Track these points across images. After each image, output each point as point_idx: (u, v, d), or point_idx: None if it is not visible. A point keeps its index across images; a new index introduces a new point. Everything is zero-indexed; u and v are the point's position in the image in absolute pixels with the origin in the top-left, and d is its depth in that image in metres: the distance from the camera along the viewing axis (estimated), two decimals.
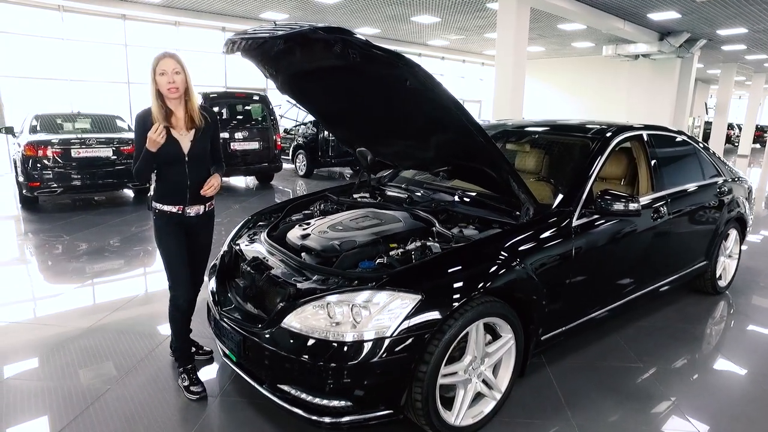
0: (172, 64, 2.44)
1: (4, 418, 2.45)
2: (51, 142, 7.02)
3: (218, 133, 2.74)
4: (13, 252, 5.55)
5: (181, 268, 2.61)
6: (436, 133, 2.56)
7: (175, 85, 2.43)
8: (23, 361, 2.98)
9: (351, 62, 2.03)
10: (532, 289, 2.38)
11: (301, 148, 11.11)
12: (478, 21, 14.09)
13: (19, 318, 3.61)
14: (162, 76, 2.42)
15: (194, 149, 2.55)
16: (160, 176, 2.57)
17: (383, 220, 2.76)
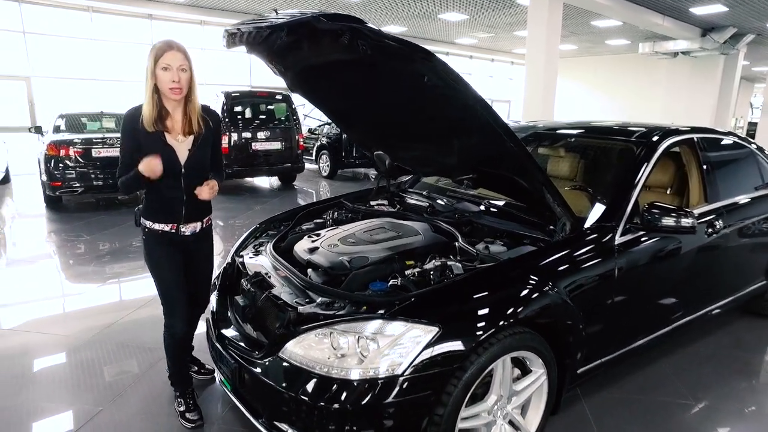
0: (179, 59, 2.08)
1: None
2: (73, 141, 6.99)
3: (220, 138, 2.42)
4: (31, 251, 5.49)
5: (177, 295, 2.30)
6: (460, 137, 2.27)
7: (179, 84, 2.08)
8: (8, 376, 2.82)
9: (362, 55, 1.77)
10: (568, 317, 2.07)
11: (324, 148, 10.92)
12: (507, 18, 13.66)
13: (13, 324, 3.47)
14: (165, 71, 2.06)
15: (192, 159, 2.21)
16: (151, 189, 2.21)
17: (400, 233, 2.48)
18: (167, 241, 2.27)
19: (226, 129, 8.56)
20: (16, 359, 3.02)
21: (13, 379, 2.80)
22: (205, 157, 2.27)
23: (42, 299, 4.05)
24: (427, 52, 1.70)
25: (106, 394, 2.63)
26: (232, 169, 8.61)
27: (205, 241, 2.44)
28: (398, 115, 2.44)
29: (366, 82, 2.25)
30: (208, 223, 2.41)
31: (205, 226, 2.38)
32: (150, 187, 2.21)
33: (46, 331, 3.37)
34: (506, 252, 2.23)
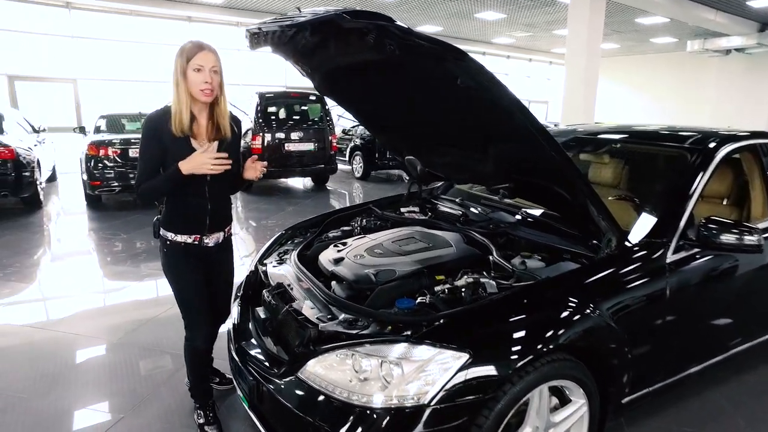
0: (211, 59, 1.99)
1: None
2: (112, 142, 7.13)
3: (240, 144, 2.33)
4: (71, 248, 5.60)
5: (199, 309, 2.21)
6: (495, 143, 2.11)
7: (211, 86, 1.99)
8: (33, 378, 2.82)
9: (390, 55, 1.64)
10: (613, 342, 1.88)
11: (358, 149, 10.85)
12: (546, 16, 13.28)
13: (47, 322, 3.50)
14: (198, 72, 1.97)
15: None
16: (174, 198, 2.12)
17: (431, 244, 2.34)
18: (190, 253, 2.18)
19: (260, 129, 8.59)
20: (47, 358, 3.04)
21: (42, 378, 2.81)
22: (231, 161, 2.15)
23: (76, 297, 4.09)
24: (460, 52, 1.56)
25: (128, 400, 2.60)
26: (265, 169, 8.61)
27: (227, 251, 2.35)
28: (430, 119, 2.30)
29: (395, 84, 2.12)
30: (229, 233, 2.33)
31: (227, 235, 2.30)
32: (172, 196, 2.13)
33: (76, 331, 3.39)
34: (545, 269, 2.06)
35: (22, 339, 3.31)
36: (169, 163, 2.04)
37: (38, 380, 2.80)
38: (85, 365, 2.98)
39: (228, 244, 2.34)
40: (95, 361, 3.03)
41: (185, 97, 2.01)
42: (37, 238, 5.94)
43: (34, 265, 5.01)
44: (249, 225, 7.02)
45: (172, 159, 2.02)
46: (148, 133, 2.07)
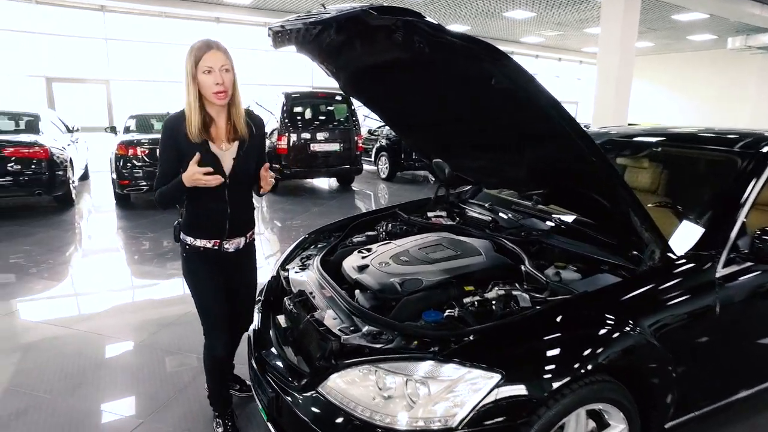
0: (220, 59, 1.89)
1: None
2: (140, 141, 7.22)
3: (265, 143, 2.26)
4: (100, 246, 5.68)
5: (218, 316, 2.14)
6: (531, 147, 1.99)
7: (223, 87, 1.90)
8: (57, 377, 2.82)
9: (419, 54, 1.54)
10: (655, 362, 1.74)
11: (383, 149, 10.78)
12: (577, 14, 12.96)
13: (72, 320, 3.52)
14: (208, 74, 1.88)
15: (238, 168, 2.04)
16: (192, 202, 2.06)
17: (459, 252, 2.23)
18: (209, 258, 2.11)
19: (286, 130, 8.59)
20: (72, 357, 3.05)
21: (66, 378, 2.82)
22: (250, 166, 2.10)
23: (102, 295, 4.12)
24: (497, 51, 1.45)
25: (148, 405, 2.57)
26: (290, 170, 8.64)
27: (249, 258, 2.28)
28: (460, 121, 2.19)
29: (424, 84, 2.02)
30: (252, 238, 2.25)
31: (248, 240, 2.22)
32: (191, 200, 2.07)
33: (101, 331, 3.39)
34: (581, 281, 1.93)
35: (48, 337, 3.34)
36: (186, 167, 1.97)
37: (62, 380, 2.80)
38: (108, 366, 2.97)
39: (250, 250, 2.26)
40: (118, 363, 3.02)
41: (196, 100, 1.94)
42: (67, 236, 6.04)
43: (64, 262, 5.09)
44: (273, 225, 7.02)
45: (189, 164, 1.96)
46: (165, 136, 2.01)
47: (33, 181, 6.53)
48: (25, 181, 6.50)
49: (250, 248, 2.25)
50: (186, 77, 1.93)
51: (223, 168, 2.02)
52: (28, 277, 4.53)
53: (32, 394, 2.65)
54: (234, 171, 2.04)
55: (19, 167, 6.48)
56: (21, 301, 4.01)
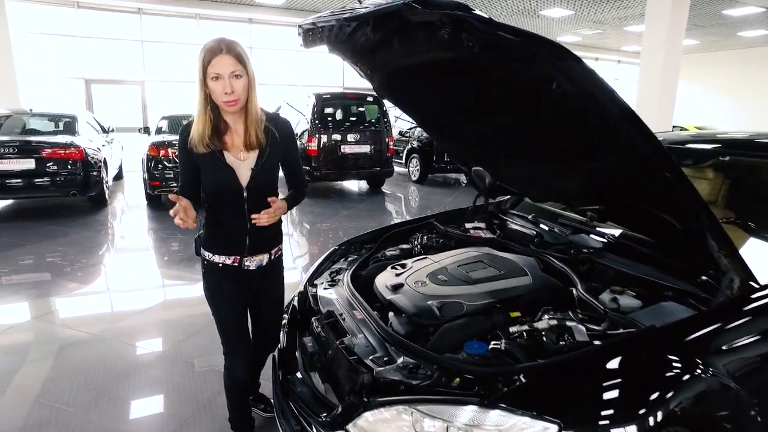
0: (229, 63, 1.70)
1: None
2: (171, 143, 7.23)
3: (295, 150, 2.05)
4: (131, 245, 5.68)
5: (239, 336, 2.01)
6: (592, 158, 1.76)
7: (234, 96, 1.72)
8: (78, 388, 2.74)
9: (465, 54, 1.35)
10: (735, 410, 1.50)
11: (415, 151, 10.58)
12: (617, 12, 12.48)
13: (93, 327, 3.45)
14: (216, 81, 1.72)
15: (257, 179, 1.86)
16: (210, 215, 1.93)
17: (502, 271, 2.03)
18: (229, 274, 1.97)
19: (316, 131, 8.49)
20: (95, 367, 2.98)
21: (87, 389, 2.75)
22: (272, 176, 1.93)
23: (129, 301, 4.07)
24: (561, 50, 1.25)
25: (167, 423, 2.46)
26: (320, 171, 8.54)
27: (275, 276, 2.11)
28: (508, 128, 1.99)
29: (468, 86, 1.82)
30: (278, 254, 2.08)
31: (274, 257, 2.05)
32: (209, 213, 1.94)
33: (125, 339, 3.32)
34: (643, 311, 1.70)
35: (74, 342, 3.28)
36: (204, 179, 1.87)
37: (83, 391, 2.72)
38: (129, 378, 2.88)
39: (275, 268, 2.10)
40: (140, 374, 2.93)
41: (205, 106, 1.78)
42: (99, 236, 6.07)
43: (94, 264, 5.08)
44: (302, 228, 6.91)
45: (205, 174, 1.85)
46: (181, 144, 1.87)
47: (68, 181, 6.61)
48: (60, 181, 6.57)
49: (275, 266, 2.09)
50: (198, 80, 1.77)
51: (239, 179, 1.86)
52: (61, 278, 4.54)
53: (54, 407, 2.58)
54: (252, 182, 1.87)
55: (56, 168, 6.56)
56: (53, 301, 4.00)
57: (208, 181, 1.86)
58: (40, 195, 6.78)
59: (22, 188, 6.48)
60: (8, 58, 10.55)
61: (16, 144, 6.45)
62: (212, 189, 1.87)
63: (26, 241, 5.64)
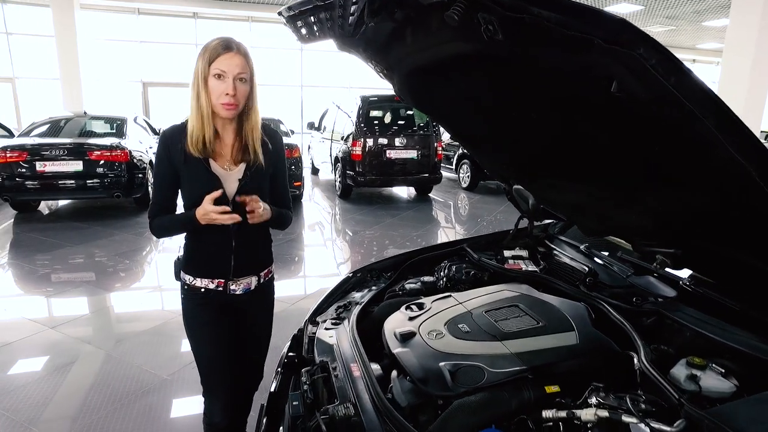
0: (238, 64, 1.53)
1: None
2: None
3: (283, 165, 1.80)
4: (158, 252, 5.61)
5: (220, 375, 1.75)
6: (667, 186, 1.28)
7: (233, 99, 1.54)
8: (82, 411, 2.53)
9: (490, 45, 0.96)
10: None
11: (466, 157, 10.07)
12: (694, 5, 11.42)
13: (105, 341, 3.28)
14: (218, 80, 1.52)
15: (244, 191, 1.65)
16: (191, 233, 1.71)
17: (541, 322, 1.60)
18: (211, 301, 1.72)
19: (361, 135, 8.21)
20: (99, 387, 2.78)
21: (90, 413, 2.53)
22: (261, 189, 1.69)
23: (145, 316, 3.91)
24: (628, 31, 0.82)
25: None
26: (365, 177, 8.25)
27: (263, 301, 1.86)
28: (552, 142, 1.55)
29: (501, 89, 1.41)
30: (268, 277, 1.84)
31: (263, 281, 1.81)
32: (192, 231, 1.70)
33: (133, 359, 3.12)
34: (740, 402, 1.22)
35: (80, 358, 3.12)
36: (185, 189, 1.65)
37: (86, 415, 2.51)
38: (131, 405, 2.65)
39: (265, 292, 1.86)
40: (139, 401, 2.69)
41: (206, 108, 1.56)
42: (139, 240, 6.03)
43: (123, 270, 5.01)
44: (345, 235, 6.63)
45: (187, 184, 1.63)
46: (160, 151, 1.64)
47: (113, 183, 6.67)
48: (106, 183, 6.64)
49: (265, 289, 1.85)
50: (196, 79, 1.56)
51: (225, 192, 1.63)
52: (106, 278, 4.48)
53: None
54: (239, 194, 1.64)
55: (103, 170, 6.64)
56: (106, 297, 4.15)
57: (190, 191, 1.64)
58: (87, 196, 6.94)
59: (70, 189, 6.62)
60: (75, 64, 11.02)
61: (66, 146, 6.58)
62: (195, 200, 1.62)
63: (73, 242, 5.71)
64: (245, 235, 1.68)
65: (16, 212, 7.12)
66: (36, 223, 6.70)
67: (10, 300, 4.19)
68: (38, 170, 6.43)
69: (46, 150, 6.51)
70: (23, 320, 3.68)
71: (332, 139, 9.44)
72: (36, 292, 4.37)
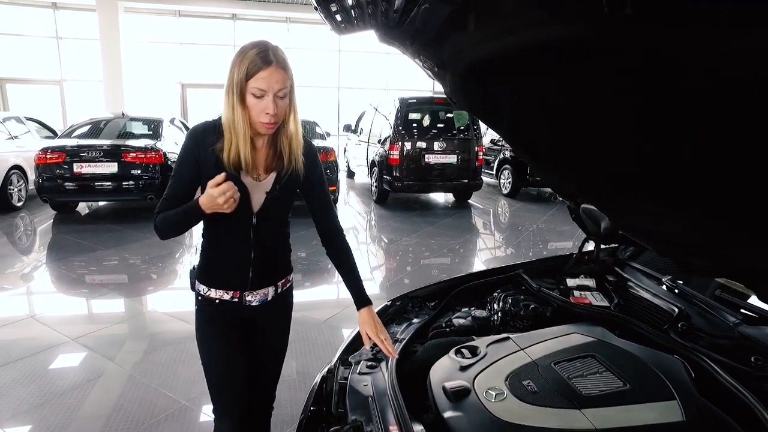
0: (279, 80, 1.36)
1: None
2: None
3: (321, 175, 1.65)
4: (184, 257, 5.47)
5: (231, 391, 1.59)
6: None
7: (275, 119, 1.39)
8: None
9: (608, 25, 0.66)
10: None
11: (507, 162, 9.64)
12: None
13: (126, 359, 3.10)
14: (258, 99, 1.36)
15: (271, 204, 1.52)
16: (210, 242, 1.58)
17: (629, 384, 1.27)
18: (226, 313, 1.59)
19: (399, 138, 7.93)
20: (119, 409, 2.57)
21: None
22: (287, 203, 1.59)
23: (166, 332, 3.73)
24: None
25: None
26: (402, 182, 7.96)
27: (279, 313, 1.72)
28: (658, 157, 1.21)
29: (598, 86, 1.09)
30: (286, 287, 1.70)
31: (281, 290, 1.67)
32: (207, 239, 1.58)
33: (151, 379, 2.91)
34: None
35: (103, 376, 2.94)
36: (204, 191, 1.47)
37: None
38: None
39: (282, 303, 1.71)
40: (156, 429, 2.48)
41: (244, 127, 1.40)
42: (171, 245, 5.93)
43: (152, 276, 4.89)
44: (381, 243, 6.36)
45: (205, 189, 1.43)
46: (188, 146, 1.48)
47: (147, 185, 6.62)
48: (141, 185, 6.60)
49: (282, 301, 1.70)
50: (231, 88, 1.38)
51: (251, 202, 1.51)
52: (138, 281, 4.35)
53: None
54: (265, 208, 1.53)
55: (136, 172, 6.60)
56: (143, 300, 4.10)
57: None
58: (122, 198, 6.91)
59: (106, 191, 6.61)
60: (117, 66, 11.20)
61: (102, 148, 6.56)
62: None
63: (106, 245, 5.67)
64: (265, 245, 1.56)
65: (56, 212, 7.17)
66: (72, 224, 6.72)
67: (38, 305, 4.10)
68: (75, 171, 6.44)
69: (83, 151, 6.51)
70: (48, 330, 3.56)
71: (369, 142, 9.21)
72: (64, 300, 4.28)
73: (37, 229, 6.69)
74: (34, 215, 7.25)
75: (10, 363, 3.04)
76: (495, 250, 6.37)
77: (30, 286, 4.64)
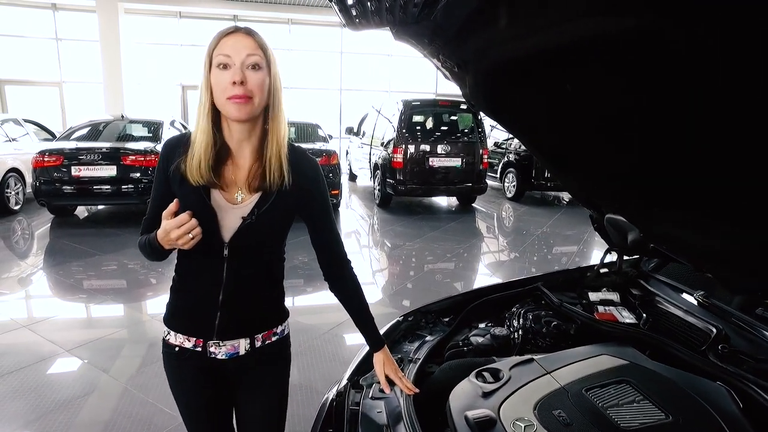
0: (246, 45, 1.13)
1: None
2: None
3: (325, 197, 1.34)
4: None
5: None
6: None
7: (244, 90, 1.12)
8: None
9: (660, 19, 0.54)
10: None
11: (511, 165, 9.53)
12: None
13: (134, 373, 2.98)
14: (222, 70, 1.13)
15: (248, 234, 1.21)
16: (179, 274, 1.30)
17: (671, 416, 1.16)
18: (189, 363, 1.30)
19: (402, 141, 7.82)
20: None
21: None
22: (271, 232, 1.26)
23: None
24: None
25: None
26: (405, 186, 7.84)
27: (265, 370, 1.35)
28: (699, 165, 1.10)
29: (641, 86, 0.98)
30: (271, 339, 1.33)
31: (261, 345, 1.31)
32: (177, 272, 1.30)
33: (157, 399, 2.79)
34: None
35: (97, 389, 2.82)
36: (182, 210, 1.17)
37: None
38: None
39: (267, 359, 1.34)
40: None
41: (207, 117, 1.17)
42: None
43: (149, 283, 4.77)
44: (384, 247, 6.24)
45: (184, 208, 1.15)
46: (160, 163, 1.26)
47: (146, 189, 6.49)
48: (140, 189, 6.48)
49: (266, 356, 1.33)
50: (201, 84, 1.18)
51: (220, 230, 1.20)
52: (137, 286, 4.23)
53: None
54: (239, 236, 1.21)
55: (137, 175, 6.48)
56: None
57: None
58: (120, 202, 6.78)
59: (105, 195, 6.49)
60: (117, 67, 11.10)
61: (101, 151, 6.45)
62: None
63: (104, 250, 5.54)
64: (240, 284, 1.25)
65: (54, 216, 7.06)
66: (70, 228, 6.60)
67: (34, 312, 3.98)
68: (74, 175, 6.32)
69: (82, 154, 6.39)
70: (41, 340, 3.44)
71: (371, 145, 9.10)
72: (61, 307, 4.16)
73: (34, 233, 6.57)
74: (32, 219, 7.13)
75: (2, 376, 2.92)
76: (500, 255, 6.25)
77: (26, 291, 4.52)
